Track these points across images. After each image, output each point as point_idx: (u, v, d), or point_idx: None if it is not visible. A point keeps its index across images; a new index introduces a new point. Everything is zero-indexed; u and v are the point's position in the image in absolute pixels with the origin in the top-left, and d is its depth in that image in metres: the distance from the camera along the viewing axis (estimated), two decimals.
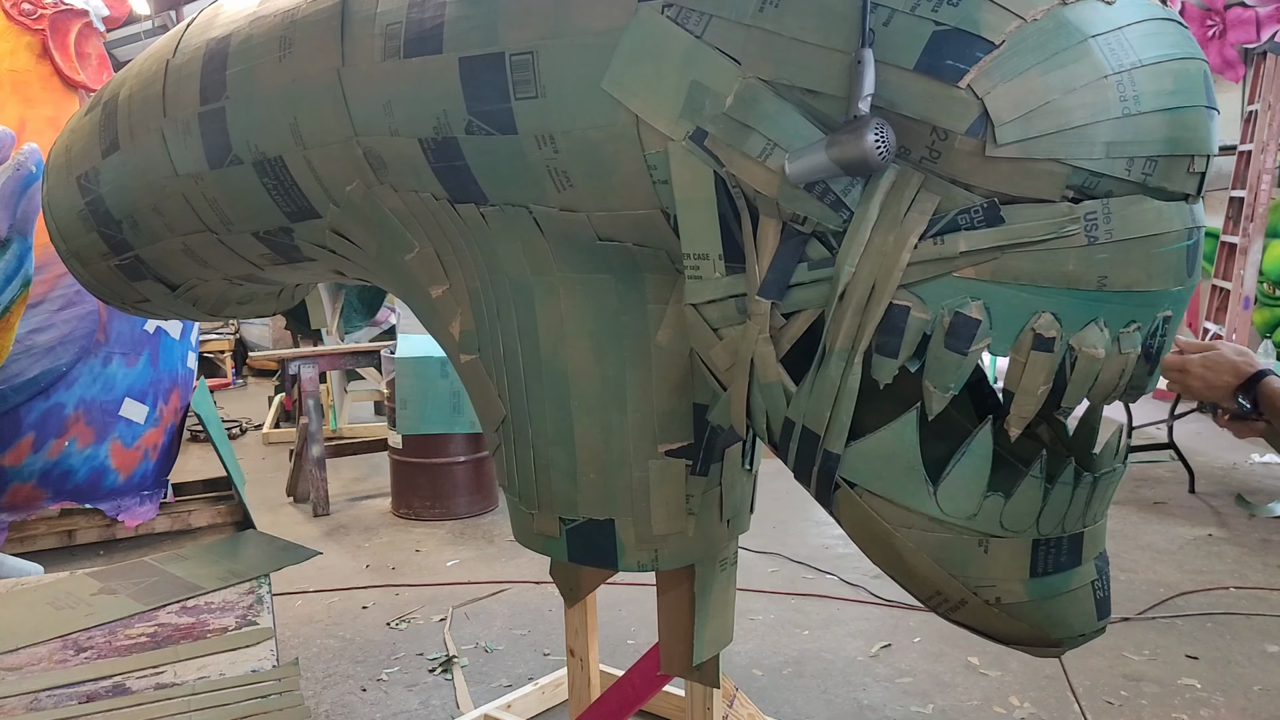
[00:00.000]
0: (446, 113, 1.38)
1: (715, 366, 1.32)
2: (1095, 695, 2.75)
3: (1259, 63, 6.35)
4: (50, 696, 1.61)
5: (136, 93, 1.87)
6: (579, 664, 2.17)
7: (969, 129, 1.00)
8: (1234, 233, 6.50)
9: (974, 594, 1.17)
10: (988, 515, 1.13)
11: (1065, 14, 1.01)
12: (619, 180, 1.29)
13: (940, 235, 1.05)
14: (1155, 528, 4.24)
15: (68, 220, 2.08)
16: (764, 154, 1.13)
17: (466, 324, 1.63)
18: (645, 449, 1.50)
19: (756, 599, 3.53)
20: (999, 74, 1.00)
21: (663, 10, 1.20)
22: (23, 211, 3.00)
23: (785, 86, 1.11)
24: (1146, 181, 1.03)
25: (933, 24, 1.02)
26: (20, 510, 3.85)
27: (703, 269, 1.25)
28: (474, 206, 1.47)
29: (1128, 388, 1.13)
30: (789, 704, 2.77)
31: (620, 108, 1.23)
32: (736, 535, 1.68)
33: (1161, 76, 1.03)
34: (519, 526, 1.70)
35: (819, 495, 1.25)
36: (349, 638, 3.30)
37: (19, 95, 3.69)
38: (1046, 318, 1.04)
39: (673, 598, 1.70)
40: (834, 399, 1.15)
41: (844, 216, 1.10)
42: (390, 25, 1.44)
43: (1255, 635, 3.15)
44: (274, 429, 6.65)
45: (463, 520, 4.64)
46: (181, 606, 1.97)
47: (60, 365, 3.66)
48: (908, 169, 1.06)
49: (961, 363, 1.06)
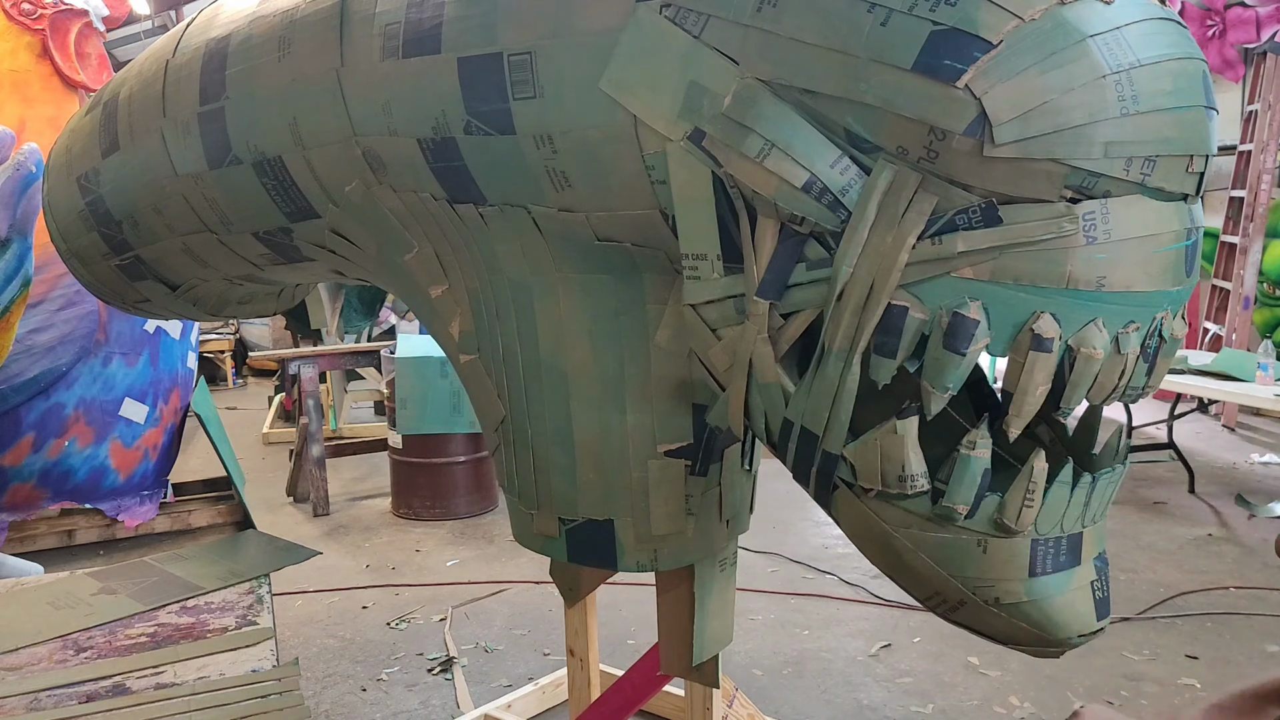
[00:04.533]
0: (445, 113, 1.38)
1: (714, 367, 1.32)
2: (1095, 695, 2.75)
3: (1259, 63, 6.35)
4: (50, 696, 1.61)
5: (136, 93, 1.87)
6: (579, 664, 2.17)
7: (967, 129, 1.00)
8: (1234, 233, 6.50)
9: (972, 594, 1.17)
10: (985, 515, 1.14)
11: (1063, 13, 1.00)
12: (617, 181, 1.29)
13: (938, 235, 1.05)
14: (1155, 528, 4.24)
15: (68, 220, 2.08)
16: (762, 154, 1.12)
17: (466, 324, 1.62)
18: (645, 449, 1.50)
19: (756, 599, 3.53)
20: (997, 74, 0.99)
21: (661, 10, 1.20)
22: (23, 211, 3.00)
23: (783, 87, 1.11)
24: (1145, 181, 1.03)
25: (930, 24, 1.01)
26: (20, 510, 3.85)
27: (701, 269, 1.25)
28: (473, 207, 1.47)
29: (1127, 388, 1.12)
30: (789, 704, 2.77)
31: (618, 108, 1.23)
32: (736, 535, 1.68)
33: (1160, 76, 1.03)
34: (519, 526, 1.70)
35: (817, 495, 1.25)
36: (349, 638, 3.30)
37: (19, 95, 3.69)
38: (1045, 318, 1.04)
39: (672, 598, 1.70)
40: (832, 399, 1.15)
41: (842, 217, 1.10)
42: (389, 25, 1.44)
43: (1255, 635, 3.15)
44: (273, 428, 6.65)
45: (463, 520, 4.64)
46: (181, 606, 1.97)
47: (60, 365, 3.66)
48: (905, 169, 1.05)
49: (960, 363, 1.06)
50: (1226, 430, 6.24)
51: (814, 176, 1.10)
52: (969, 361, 1.06)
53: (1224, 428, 6.29)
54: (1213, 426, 6.32)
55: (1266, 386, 4.22)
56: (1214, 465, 5.31)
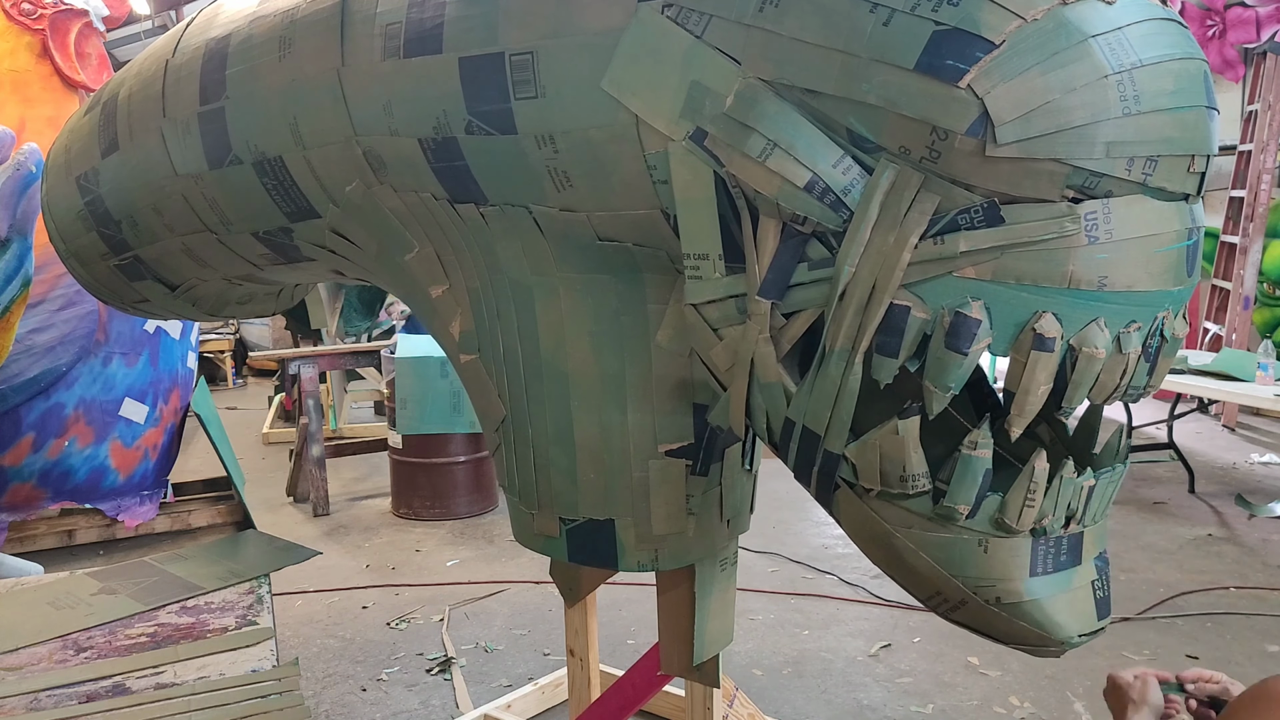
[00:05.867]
0: (446, 113, 1.38)
1: (715, 367, 1.32)
2: (1095, 695, 2.74)
3: (1259, 63, 6.35)
4: (50, 696, 1.61)
5: (136, 92, 1.87)
6: (579, 664, 2.17)
7: (969, 129, 1.00)
8: (1234, 233, 6.51)
9: (974, 594, 1.17)
10: (987, 515, 1.14)
11: (1065, 14, 1.00)
12: (619, 180, 1.29)
13: (940, 235, 1.05)
14: (1155, 528, 4.24)
15: (67, 220, 2.07)
16: (764, 154, 1.12)
17: (466, 324, 1.62)
18: (645, 449, 1.50)
19: (756, 599, 3.53)
20: (999, 74, 0.99)
21: (663, 10, 1.20)
22: (23, 211, 3.00)
23: (785, 86, 1.11)
24: (1147, 181, 1.03)
25: (933, 24, 1.01)
26: (20, 510, 3.85)
27: (703, 269, 1.25)
28: (474, 207, 1.47)
29: (1128, 388, 1.12)
30: (789, 704, 2.77)
31: (620, 108, 1.23)
32: (737, 535, 1.68)
33: (1162, 76, 1.03)
34: (519, 526, 1.70)
35: (819, 495, 1.25)
36: (349, 638, 3.30)
37: (19, 95, 3.69)
38: (1047, 318, 1.04)
39: (673, 598, 1.70)
40: (834, 399, 1.15)
41: (844, 216, 1.10)
42: (390, 25, 1.44)
43: (1255, 635, 3.15)
44: (273, 428, 6.65)
45: (463, 520, 4.64)
46: (181, 606, 1.97)
47: (60, 365, 3.66)
48: (907, 169, 1.05)
49: (962, 363, 1.06)
50: (1226, 430, 6.24)
51: (816, 176, 1.10)
52: (971, 361, 1.06)
53: (1224, 428, 6.29)
54: (1213, 426, 6.32)
55: (1266, 386, 4.22)
56: (1214, 465, 5.31)
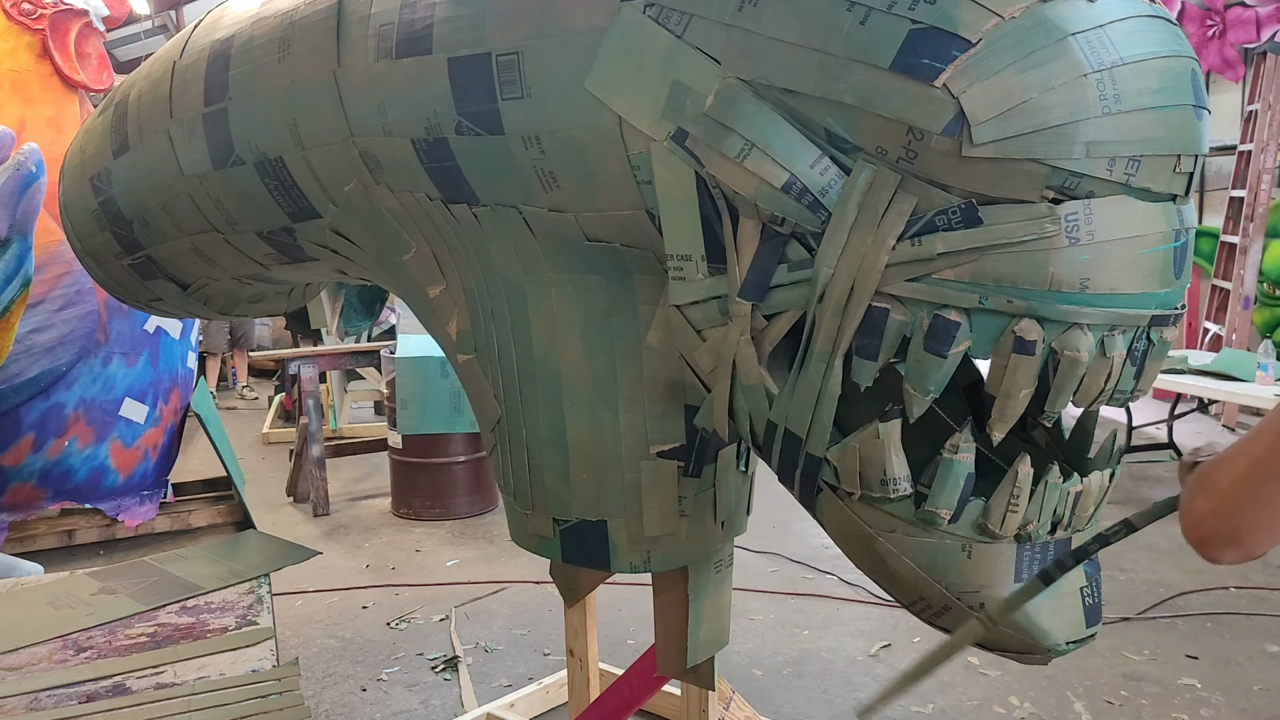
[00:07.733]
0: (437, 113, 1.39)
1: (699, 368, 1.32)
2: (1095, 695, 2.75)
3: (1259, 63, 6.34)
4: (50, 696, 1.61)
5: (145, 94, 1.90)
6: (579, 664, 2.17)
7: (945, 128, 0.99)
8: (1234, 233, 6.49)
9: (957, 600, 1.15)
10: (969, 520, 1.13)
11: (1044, 11, 0.99)
12: (604, 181, 1.29)
13: (918, 236, 1.04)
14: (1155, 527, 4.22)
15: (82, 220, 2.11)
16: (742, 154, 1.12)
17: (463, 324, 1.63)
18: (637, 450, 1.50)
19: (756, 599, 3.53)
20: (975, 73, 0.98)
21: (644, 10, 1.20)
22: (23, 211, 3.01)
23: (764, 86, 1.11)
24: (1130, 182, 1.02)
25: (909, 22, 1.00)
26: (20, 510, 3.86)
27: (685, 270, 1.25)
28: (466, 207, 1.47)
29: (1114, 392, 1.11)
30: (789, 704, 2.77)
31: (604, 108, 1.23)
32: (732, 537, 1.68)
33: (1145, 75, 1.01)
34: (515, 527, 1.71)
35: (802, 498, 1.25)
36: (349, 638, 3.31)
37: (19, 95, 3.70)
38: (1028, 320, 1.03)
39: (667, 599, 1.70)
40: (815, 402, 1.14)
41: (822, 217, 1.09)
42: (383, 26, 1.45)
43: (1255, 635, 3.14)
44: (273, 428, 6.66)
45: (463, 520, 4.64)
46: (181, 606, 1.97)
47: (60, 365, 3.67)
48: (885, 169, 1.04)
49: (941, 365, 1.05)
50: (1227, 430, 6.22)
51: (794, 177, 1.09)
52: (950, 364, 1.05)
53: (1224, 428, 6.27)
54: (1213, 426, 6.30)
55: (1266, 386, 4.21)
56: None
